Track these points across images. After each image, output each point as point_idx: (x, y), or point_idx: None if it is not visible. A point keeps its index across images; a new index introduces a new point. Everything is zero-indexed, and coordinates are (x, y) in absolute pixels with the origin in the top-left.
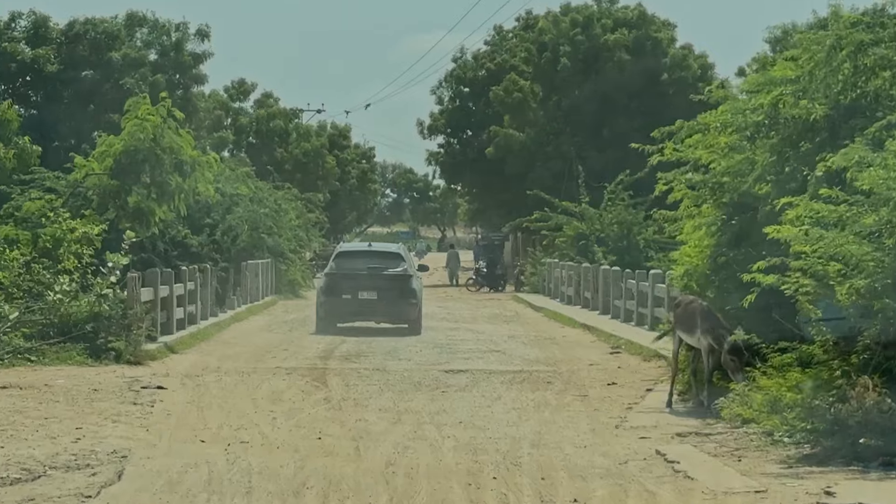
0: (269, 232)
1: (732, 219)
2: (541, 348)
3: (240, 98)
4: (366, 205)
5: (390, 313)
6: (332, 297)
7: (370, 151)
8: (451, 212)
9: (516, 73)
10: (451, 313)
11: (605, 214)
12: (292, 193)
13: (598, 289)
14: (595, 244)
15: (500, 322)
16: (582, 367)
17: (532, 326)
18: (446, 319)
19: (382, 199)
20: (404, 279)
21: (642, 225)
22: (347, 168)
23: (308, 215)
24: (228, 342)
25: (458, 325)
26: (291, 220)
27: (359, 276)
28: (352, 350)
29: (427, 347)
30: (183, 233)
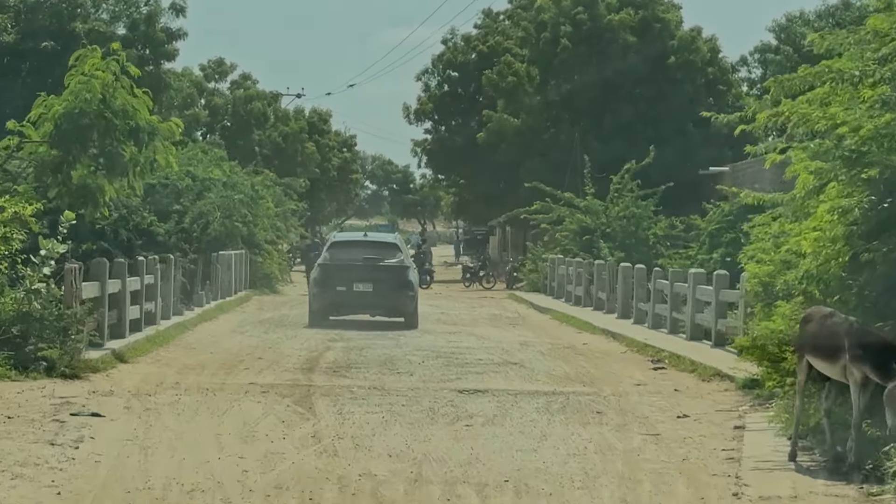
0: (243, 220)
1: (884, 201)
2: (565, 360)
3: (216, 78)
4: (346, 195)
5: (386, 306)
6: (326, 289)
7: (351, 140)
8: (433, 205)
9: (511, 56)
10: (445, 314)
11: (611, 207)
12: (270, 179)
13: (616, 289)
14: (601, 239)
15: (504, 325)
16: (628, 387)
17: (543, 331)
18: (442, 321)
19: (362, 190)
20: (401, 270)
21: (652, 219)
22: (328, 155)
23: (287, 203)
24: (193, 347)
25: (458, 329)
26: (269, 207)
27: (354, 267)
28: (340, 359)
29: (429, 357)
30: (148, 219)
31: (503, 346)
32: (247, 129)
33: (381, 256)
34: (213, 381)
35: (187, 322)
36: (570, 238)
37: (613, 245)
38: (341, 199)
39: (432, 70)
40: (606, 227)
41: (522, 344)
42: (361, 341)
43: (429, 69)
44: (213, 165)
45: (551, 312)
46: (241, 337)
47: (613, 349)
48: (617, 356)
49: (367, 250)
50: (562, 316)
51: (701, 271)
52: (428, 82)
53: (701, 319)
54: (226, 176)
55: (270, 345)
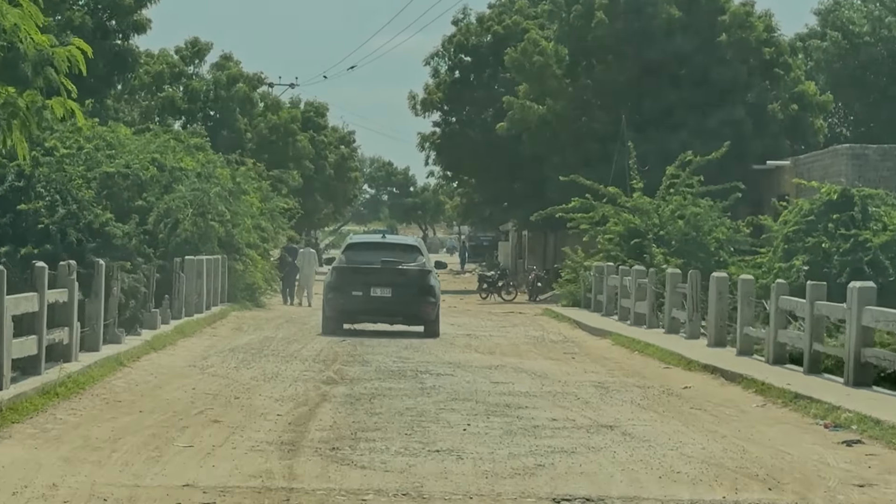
0: (220, 219)
1: None
2: (685, 422)
3: (194, 61)
4: (344, 196)
5: (406, 313)
6: (341, 294)
7: (350, 136)
8: (434, 209)
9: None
10: (474, 336)
11: (664, 206)
12: (256, 171)
13: (697, 305)
14: (653, 244)
15: (557, 354)
16: (849, 495)
17: (617, 365)
18: (474, 347)
19: (360, 193)
20: (422, 275)
21: (715, 221)
22: (324, 152)
23: (276, 200)
24: (117, 400)
25: (498, 360)
26: (253, 204)
27: (371, 271)
28: (342, 422)
29: (477, 415)
30: (103, 217)
31: (575, 392)
32: (231, 118)
33: (400, 260)
34: (122, 478)
35: (126, 354)
36: (615, 242)
37: (669, 251)
38: (338, 201)
39: (442, 53)
40: (659, 229)
41: (599, 387)
42: (371, 383)
43: (438, 52)
44: (184, 153)
45: (610, 336)
46: (198, 377)
47: (738, 397)
48: (755, 412)
49: (386, 253)
50: (627, 341)
51: (868, 285)
52: (437, 67)
53: (872, 355)
54: (200, 165)
55: (239, 391)
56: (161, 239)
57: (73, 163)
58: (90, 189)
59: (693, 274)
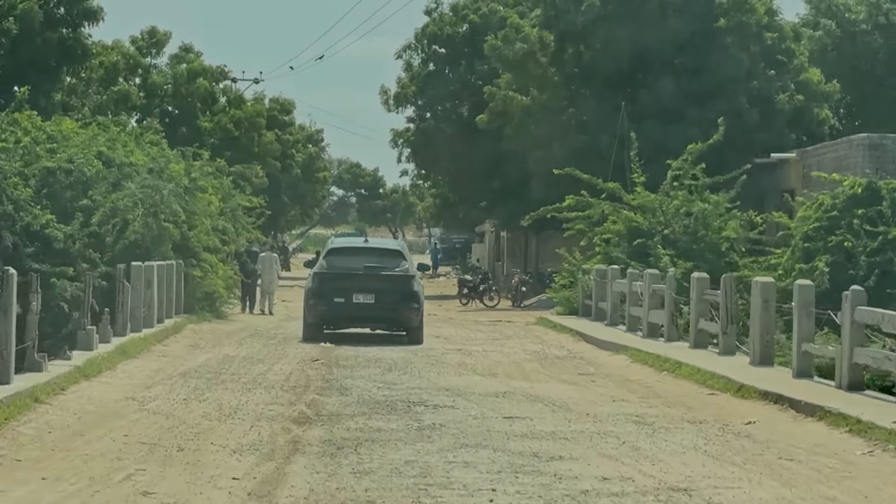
0: (175, 220)
1: None
2: (796, 488)
3: (151, 52)
4: (312, 197)
5: (389, 319)
6: (323, 301)
7: (318, 134)
8: (404, 211)
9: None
10: (466, 351)
11: (666, 202)
12: (216, 166)
13: (730, 317)
14: (659, 245)
15: (571, 376)
16: None
17: (647, 391)
18: (471, 368)
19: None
20: (406, 280)
21: (724, 217)
22: (290, 151)
23: (238, 198)
24: (14, 458)
25: (504, 385)
26: (212, 203)
27: (354, 277)
28: (323, 493)
29: (503, 475)
30: (43, 218)
31: (614, 432)
32: (191, 114)
33: (383, 265)
34: None
35: (44, 387)
36: (613, 243)
37: (676, 252)
38: (306, 203)
39: (415, 46)
40: (664, 227)
41: (641, 423)
42: (355, 421)
43: (411, 44)
44: (134, 147)
45: (626, 351)
46: (135, 417)
47: (830, 440)
48: (867, 465)
49: (368, 258)
50: (648, 358)
51: None
52: (410, 60)
53: None
54: (152, 160)
55: (186, 437)
56: (108, 242)
57: (9, 158)
58: (28, 187)
59: (727, 279)
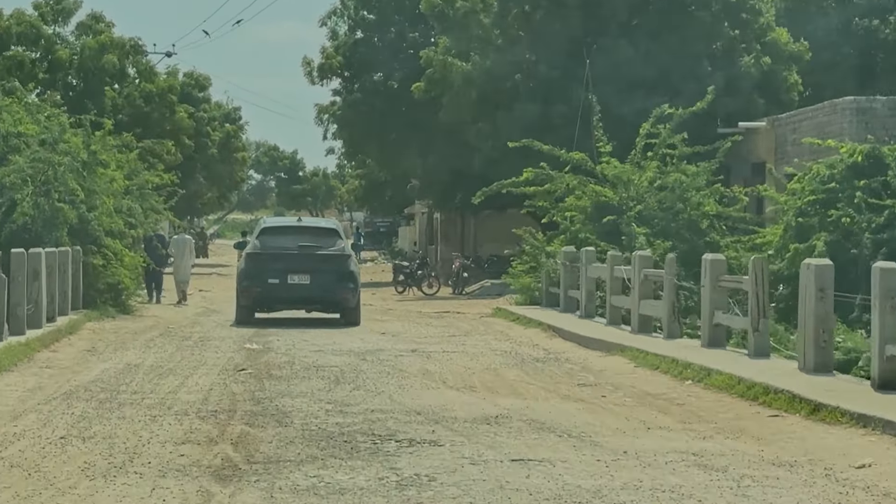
0: (72, 199)
1: None
2: None
3: (57, 20)
4: (230, 179)
5: (325, 300)
6: (256, 282)
7: (235, 112)
8: (325, 194)
9: None
10: (424, 353)
11: (639, 176)
12: (121, 140)
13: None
14: (633, 223)
15: (570, 389)
16: None
17: (683, 411)
18: (440, 378)
19: (246, 179)
20: (342, 260)
21: (704, 192)
22: (205, 129)
23: (146, 175)
24: None
25: (492, 406)
26: (115, 180)
27: (288, 257)
28: None
29: None
30: None
31: (684, 489)
32: (97, 88)
33: (318, 244)
34: None
35: None
36: (577, 222)
37: (651, 231)
38: (224, 185)
39: (341, 12)
40: (636, 203)
41: (711, 470)
42: (303, 472)
43: (336, 10)
44: (24, 115)
45: (621, 351)
46: None
47: None
48: None
49: (303, 237)
50: (655, 360)
51: None
52: (336, 28)
53: None
54: (44, 130)
55: None
56: None
57: None
58: None
59: (758, 262)
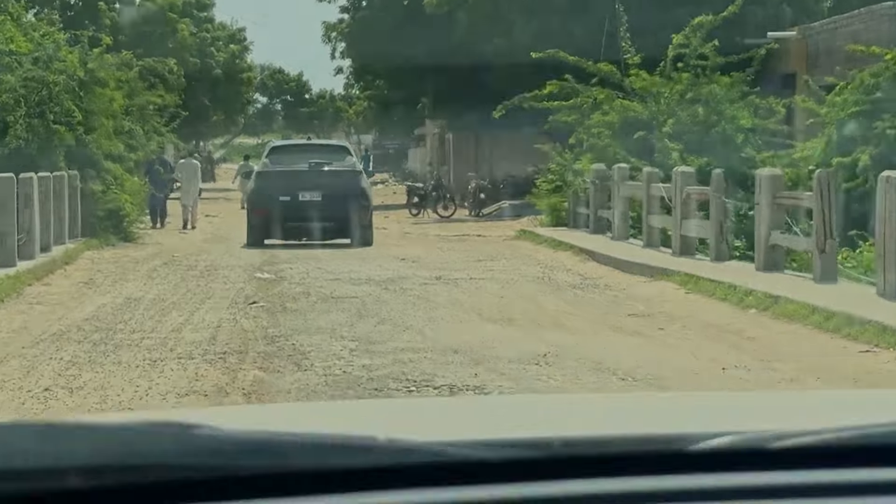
0: (68, 121)
1: None
2: None
3: None
4: (237, 101)
5: (337, 217)
6: (267, 200)
7: (240, 33)
8: (332, 117)
9: None
10: (451, 281)
11: (672, 88)
12: (120, 58)
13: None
14: (666, 139)
15: (622, 320)
16: None
17: (757, 345)
18: (470, 308)
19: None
20: (353, 176)
21: (738, 105)
22: (209, 49)
23: (147, 95)
24: None
25: (538, 342)
26: (114, 100)
27: (298, 174)
28: None
29: None
30: None
31: None
32: (95, 6)
33: (328, 161)
34: None
35: None
36: (605, 137)
37: (684, 147)
38: (229, 108)
39: None
40: (667, 117)
41: None
42: None
43: None
44: (16, 31)
45: (666, 276)
46: None
47: None
48: None
49: (313, 154)
50: (709, 286)
51: None
52: None
53: None
54: (38, 48)
55: None
56: None
57: None
58: None
59: (823, 175)
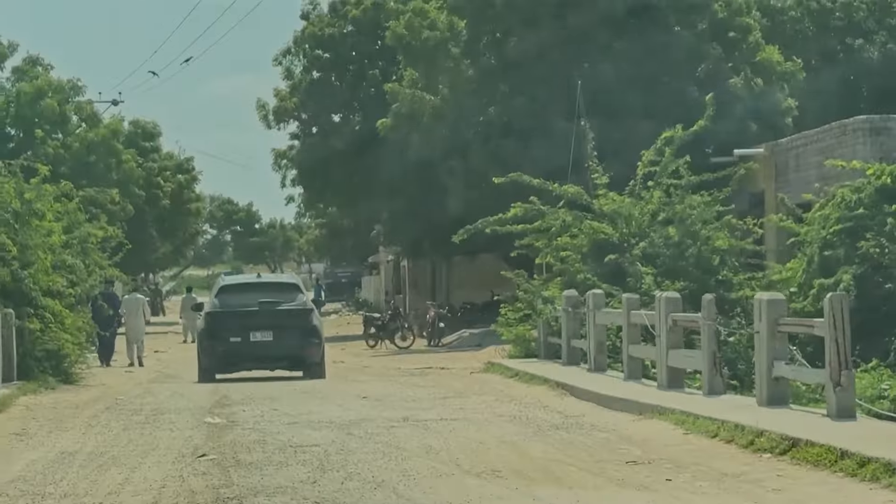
0: (3, 256)
1: None
2: None
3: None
4: (185, 232)
5: (289, 357)
6: (218, 342)
7: (188, 163)
8: (283, 247)
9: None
10: (420, 424)
11: (642, 208)
12: (59, 189)
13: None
14: (638, 262)
15: (622, 470)
16: None
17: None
18: (447, 458)
19: (202, 233)
20: (304, 315)
21: (713, 226)
22: (156, 180)
23: (88, 227)
24: None
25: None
26: (53, 232)
27: (249, 314)
28: None
29: None
30: None
31: None
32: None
33: (279, 300)
34: None
35: None
36: (574, 261)
37: (657, 270)
38: (178, 239)
39: (295, 51)
40: (638, 240)
41: None
42: None
43: (290, 49)
44: None
45: (659, 413)
46: None
47: None
48: None
49: (264, 293)
50: (710, 426)
51: None
52: (290, 68)
53: None
54: None
55: None
56: None
57: None
58: None
59: (836, 299)
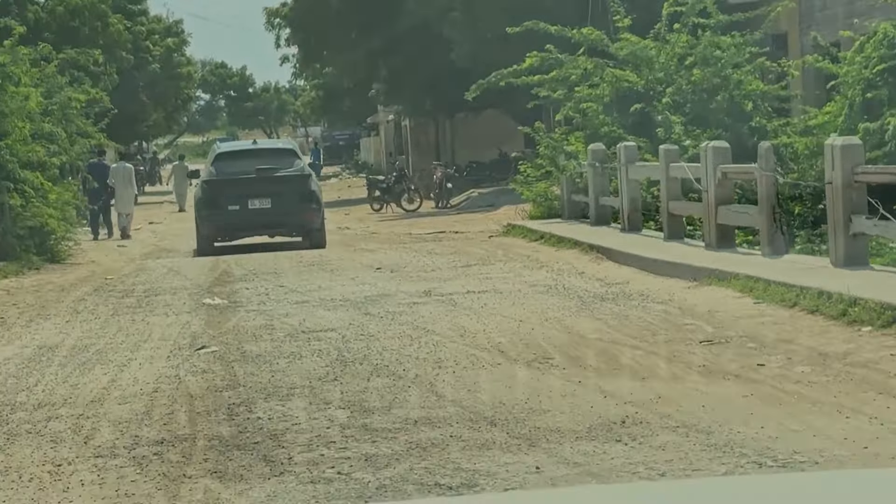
0: None
1: None
2: None
3: None
4: (177, 98)
5: (288, 223)
6: (216, 210)
7: (177, 26)
8: (277, 110)
9: None
10: (446, 298)
11: (665, 52)
12: (37, 51)
13: None
14: (667, 110)
15: (703, 358)
16: None
17: None
18: (487, 341)
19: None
20: (302, 180)
21: (746, 68)
22: (144, 44)
23: (70, 92)
24: None
25: (629, 425)
26: (31, 98)
27: (246, 182)
28: None
29: None
30: None
31: None
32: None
33: (277, 166)
34: None
35: None
36: (595, 113)
37: (685, 118)
38: (170, 106)
39: None
40: (665, 86)
41: None
42: None
43: None
44: None
45: (723, 280)
46: None
47: None
48: None
49: (260, 160)
50: (787, 294)
51: None
52: None
53: None
54: None
55: None
56: None
57: None
58: None
59: None
